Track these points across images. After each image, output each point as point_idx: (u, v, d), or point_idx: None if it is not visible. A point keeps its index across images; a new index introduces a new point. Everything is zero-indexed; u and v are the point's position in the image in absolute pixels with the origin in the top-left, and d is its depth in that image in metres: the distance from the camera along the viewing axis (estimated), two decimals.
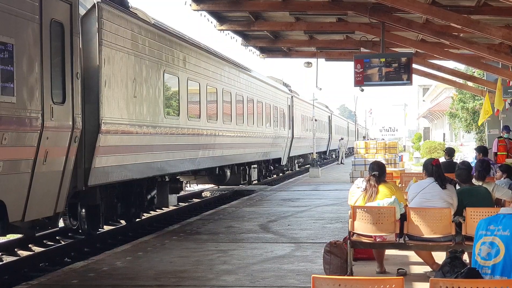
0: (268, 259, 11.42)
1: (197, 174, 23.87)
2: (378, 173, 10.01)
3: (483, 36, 15.63)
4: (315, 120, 46.61)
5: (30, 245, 14.83)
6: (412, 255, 10.53)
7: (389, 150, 31.56)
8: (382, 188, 9.93)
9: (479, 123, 24.79)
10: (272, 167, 36.28)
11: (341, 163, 53.92)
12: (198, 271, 10.38)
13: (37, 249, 14.69)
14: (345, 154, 60.21)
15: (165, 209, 21.11)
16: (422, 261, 10.10)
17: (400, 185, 14.82)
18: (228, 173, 26.14)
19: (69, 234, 16.10)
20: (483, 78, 28.25)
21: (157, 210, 20.73)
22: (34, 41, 10.73)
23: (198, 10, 15.97)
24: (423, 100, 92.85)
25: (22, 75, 10.32)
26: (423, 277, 9.55)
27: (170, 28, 18.79)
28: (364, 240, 9.65)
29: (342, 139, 60.35)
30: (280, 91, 37.01)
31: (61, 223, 14.34)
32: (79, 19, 12.49)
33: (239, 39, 20.72)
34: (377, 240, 9.57)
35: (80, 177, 12.90)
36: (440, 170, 9.77)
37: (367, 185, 10.00)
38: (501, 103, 22.87)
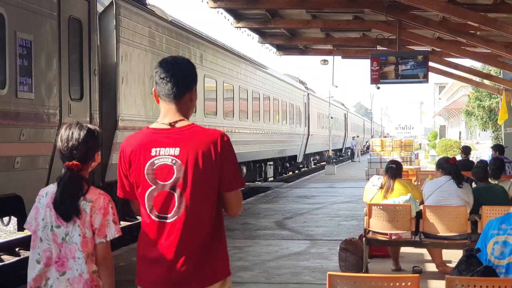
0: (283, 256, 11.46)
1: None
2: (395, 166, 10.06)
3: (500, 34, 15.57)
4: (331, 118, 46.60)
5: None
6: (427, 253, 10.54)
7: (405, 148, 31.46)
8: (397, 185, 9.95)
9: (499, 122, 24.69)
10: (288, 164, 36.29)
11: (358, 161, 53.83)
12: None
13: None
14: (361, 151, 60.17)
15: None
16: None
17: (416, 183, 14.82)
18: (244, 170, 26.17)
19: None
20: (499, 76, 28.13)
21: None
22: (52, 38, 10.81)
23: (215, 8, 15.99)
24: (439, 98, 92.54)
25: (40, 71, 10.40)
26: (438, 275, 9.56)
27: (187, 25, 18.84)
28: (380, 237, 9.67)
29: (357, 136, 60.28)
30: (296, 89, 37.01)
31: None
32: (97, 16, 12.57)
33: (256, 37, 20.74)
34: (393, 237, 9.59)
35: (97, 173, 12.96)
36: (457, 169, 9.77)
37: (384, 178, 10.04)
38: None
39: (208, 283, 3.96)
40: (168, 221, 3.90)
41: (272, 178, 32.21)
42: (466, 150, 17.79)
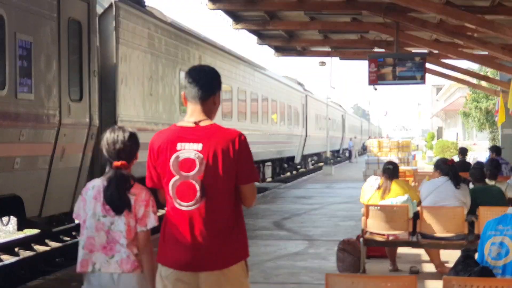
0: (281, 256, 11.50)
1: None
2: (392, 166, 10.10)
3: (497, 36, 15.61)
4: (329, 119, 46.64)
5: (46, 241, 14.94)
6: (425, 253, 10.59)
7: (402, 149, 31.47)
8: (395, 185, 10.00)
9: (499, 123, 24.71)
10: (286, 165, 36.31)
11: (355, 161, 53.86)
12: None
13: (54, 244, 14.81)
14: (358, 152, 60.20)
15: None
16: None
17: (413, 183, 14.86)
18: None
19: None
20: (496, 78, 28.19)
21: None
22: (52, 39, 10.85)
23: (214, 9, 16.03)
24: (437, 100, 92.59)
25: (40, 72, 10.43)
26: (435, 275, 9.59)
27: (186, 27, 18.89)
28: (377, 238, 9.71)
29: (355, 138, 60.33)
30: (294, 90, 37.03)
31: None
32: (96, 17, 12.61)
33: (254, 38, 20.78)
34: (390, 238, 9.63)
35: (97, 173, 12.98)
36: (455, 170, 9.83)
37: (382, 179, 10.09)
38: None
39: (228, 265, 4.40)
40: (189, 208, 4.39)
41: (270, 179, 32.22)
42: (463, 151, 17.86)
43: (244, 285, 4.53)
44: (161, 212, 19.52)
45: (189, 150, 4.38)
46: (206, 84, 4.54)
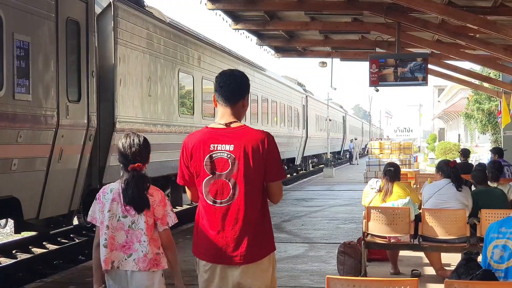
0: (281, 259, 11.41)
1: None
2: (393, 169, 10.02)
3: (500, 37, 15.54)
4: (330, 120, 46.59)
5: (44, 243, 14.89)
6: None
7: (404, 151, 31.43)
8: (396, 188, 9.91)
9: (503, 125, 24.66)
10: (286, 167, 36.25)
11: (356, 163, 53.81)
12: None
13: (52, 247, 14.75)
14: (359, 154, 60.17)
15: (179, 208, 21.14)
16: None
17: (414, 186, 14.78)
18: None
19: (83, 232, 16.14)
20: (498, 79, 28.11)
21: None
22: (50, 40, 10.77)
23: (213, 9, 15.95)
24: (438, 101, 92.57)
25: (37, 73, 10.35)
26: (437, 279, 9.53)
27: (185, 27, 18.81)
28: (378, 241, 9.63)
29: (356, 139, 60.29)
30: (295, 91, 36.97)
31: (75, 221, 14.38)
32: (95, 17, 12.53)
33: (254, 39, 20.69)
34: (391, 241, 9.55)
35: (95, 175, 12.93)
36: (458, 172, 9.74)
37: (383, 181, 10.00)
38: None
39: (258, 258, 4.79)
40: (222, 205, 4.74)
41: None
42: (465, 153, 17.77)
43: (273, 276, 4.96)
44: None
45: (222, 150, 4.71)
46: (236, 88, 4.84)
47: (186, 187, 5.02)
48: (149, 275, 5.15)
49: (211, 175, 4.73)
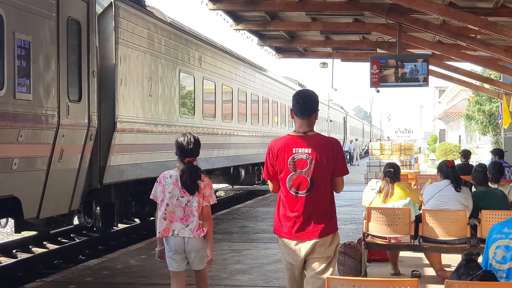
0: (281, 259, 11.37)
1: (211, 174, 23.87)
2: (393, 169, 10.00)
3: (500, 38, 15.53)
4: (330, 121, 46.59)
5: (44, 242, 14.89)
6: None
7: (404, 152, 31.36)
8: (396, 188, 9.90)
9: (505, 126, 24.65)
10: None
11: (357, 164, 53.80)
12: (211, 271, 10.35)
13: (52, 247, 14.75)
14: (360, 155, 60.14)
15: None
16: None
17: (415, 187, 14.76)
18: (243, 173, 26.12)
19: (84, 232, 16.14)
20: (499, 80, 28.10)
21: None
22: (51, 39, 10.76)
23: (214, 10, 15.92)
24: (439, 102, 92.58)
25: (38, 72, 10.35)
26: (437, 279, 9.52)
27: (186, 27, 18.80)
28: (379, 241, 9.62)
29: (356, 140, 60.27)
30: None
31: (75, 221, 14.39)
32: (95, 17, 12.53)
33: (255, 39, 20.67)
34: (392, 241, 9.54)
35: (95, 175, 12.92)
36: (456, 172, 9.72)
37: (383, 182, 9.98)
38: None
39: (326, 234, 5.96)
40: (302, 195, 5.94)
41: None
42: (466, 154, 17.74)
43: (336, 250, 6.08)
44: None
45: (302, 153, 5.92)
46: (310, 105, 6.04)
47: (268, 181, 6.18)
48: (200, 240, 6.71)
49: (293, 172, 5.93)
